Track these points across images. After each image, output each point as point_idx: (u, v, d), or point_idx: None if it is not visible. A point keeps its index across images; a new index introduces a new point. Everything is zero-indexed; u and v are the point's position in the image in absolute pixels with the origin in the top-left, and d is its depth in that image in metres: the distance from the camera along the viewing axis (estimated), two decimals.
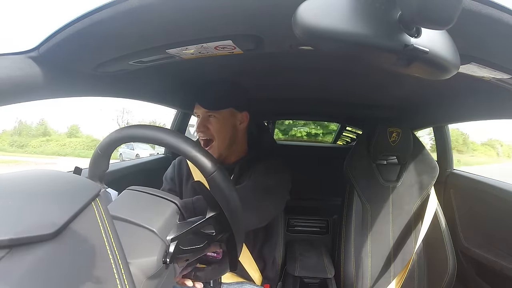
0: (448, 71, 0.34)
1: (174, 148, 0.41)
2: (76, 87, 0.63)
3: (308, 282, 1.09)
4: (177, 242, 0.38)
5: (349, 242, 1.03)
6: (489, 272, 0.96)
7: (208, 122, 0.77)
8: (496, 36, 0.39)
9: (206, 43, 0.46)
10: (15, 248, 0.23)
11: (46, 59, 0.50)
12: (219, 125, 0.77)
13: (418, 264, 1.02)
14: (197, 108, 0.78)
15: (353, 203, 1.08)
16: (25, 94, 0.52)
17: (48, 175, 0.32)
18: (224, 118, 0.78)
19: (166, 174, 0.89)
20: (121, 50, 0.50)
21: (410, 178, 1.10)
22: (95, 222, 0.30)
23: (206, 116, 0.77)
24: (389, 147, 1.07)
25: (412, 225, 1.06)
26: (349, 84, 0.90)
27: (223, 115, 0.78)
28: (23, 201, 0.26)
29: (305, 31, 0.27)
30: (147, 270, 0.35)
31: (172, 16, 0.39)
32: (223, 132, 0.78)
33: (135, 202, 0.46)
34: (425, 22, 0.27)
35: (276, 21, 0.39)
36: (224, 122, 0.78)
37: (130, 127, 0.45)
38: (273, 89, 1.05)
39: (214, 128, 0.77)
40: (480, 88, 0.68)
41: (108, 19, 0.40)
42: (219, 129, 0.77)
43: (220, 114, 0.77)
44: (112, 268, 0.29)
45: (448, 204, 1.20)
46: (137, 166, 1.21)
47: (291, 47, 0.49)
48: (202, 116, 0.78)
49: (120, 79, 0.69)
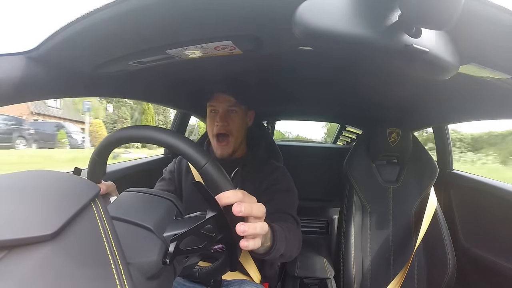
0: (448, 71, 0.34)
1: (164, 144, 0.41)
2: (76, 87, 0.63)
3: (308, 282, 1.09)
4: (177, 243, 0.38)
5: (349, 242, 1.03)
6: (489, 272, 0.96)
7: (228, 117, 0.77)
8: (496, 36, 0.39)
9: (205, 44, 0.46)
10: (13, 249, 0.23)
11: (46, 60, 0.50)
12: (239, 120, 0.78)
13: (418, 264, 1.02)
14: (218, 102, 0.77)
15: (353, 203, 1.08)
16: (25, 94, 0.52)
17: (47, 176, 0.32)
18: (243, 114, 0.79)
19: (167, 167, 0.90)
20: (120, 50, 0.50)
21: (410, 178, 1.10)
22: (95, 223, 0.30)
23: (226, 111, 0.77)
24: (388, 147, 1.07)
25: (412, 225, 1.06)
26: (349, 84, 0.90)
27: (243, 110, 0.79)
28: (22, 201, 0.26)
29: (305, 31, 0.27)
30: (146, 270, 0.35)
31: (171, 16, 0.39)
32: (241, 128, 0.79)
33: (131, 202, 0.46)
34: (425, 22, 0.27)
35: (275, 21, 0.39)
36: (242, 117, 0.79)
37: (122, 129, 0.45)
38: (273, 89, 1.05)
39: (235, 123, 0.77)
40: (480, 88, 0.68)
41: (108, 20, 0.39)
42: (239, 124, 0.78)
43: (241, 109, 0.78)
44: (112, 268, 0.29)
45: (448, 204, 1.20)
46: (137, 166, 1.21)
47: (291, 47, 0.49)
48: (222, 110, 0.77)
49: (120, 80, 0.69)
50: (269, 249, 0.53)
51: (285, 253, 0.58)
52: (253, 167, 0.81)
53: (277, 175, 0.80)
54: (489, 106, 0.83)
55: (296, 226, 0.70)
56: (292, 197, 0.77)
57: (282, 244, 0.56)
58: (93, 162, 0.48)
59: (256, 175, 0.80)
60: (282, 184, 0.78)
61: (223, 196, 0.38)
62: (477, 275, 1.03)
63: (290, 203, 0.75)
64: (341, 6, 0.27)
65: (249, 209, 0.38)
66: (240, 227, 0.36)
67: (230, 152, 0.79)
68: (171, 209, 0.46)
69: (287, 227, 0.63)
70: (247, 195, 0.40)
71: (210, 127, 0.79)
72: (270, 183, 0.78)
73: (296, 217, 0.73)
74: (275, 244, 0.53)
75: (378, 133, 1.07)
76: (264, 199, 0.73)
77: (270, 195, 0.75)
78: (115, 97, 0.80)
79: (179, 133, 0.42)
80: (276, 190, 0.76)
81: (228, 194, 0.38)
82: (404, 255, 1.03)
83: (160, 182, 0.87)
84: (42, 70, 0.51)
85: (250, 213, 0.38)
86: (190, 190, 0.82)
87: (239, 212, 0.36)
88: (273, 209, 0.70)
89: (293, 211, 0.74)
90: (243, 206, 0.37)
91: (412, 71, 0.34)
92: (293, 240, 0.63)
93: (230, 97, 0.76)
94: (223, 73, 0.81)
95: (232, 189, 0.40)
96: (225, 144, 0.77)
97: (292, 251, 0.63)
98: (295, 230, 0.67)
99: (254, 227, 0.37)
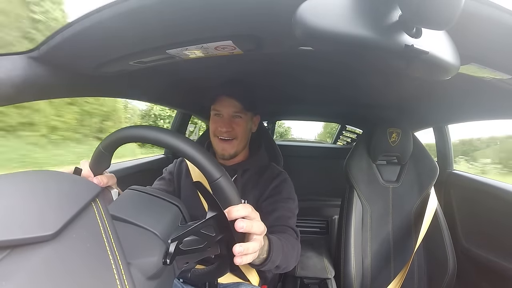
0: (448, 72, 0.34)
1: (179, 151, 0.41)
2: (76, 87, 0.63)
3: (308, 283, 1.09)
4: (177, 243, 0.38)
5: (349, 242, 1.03)
6: (489, 272, 0.96)
7: (233, 122, 0.75)
8: (496, 36, 0.39)
9: (206, 44, 0.46)
10: (15, 249, 0.23)
11: (46, 59, 0.50)
12: (244, 125, 0.76)
13: (418, 264, 1.02)
14: (223, 106, 0.75)
15: (353, 203, 1.08)
16: (25, 94, 0.52)
17: (48, 176, 0.32)
18: (248, 119, 0.77)
19: (167, 167, 0.89)
20: (121, 50, 0.50)
21: (410, 178, 1.10)
22: (95, 223, 0.30)
23: (230, 116, 0.75)
24: (389, 147, 1.07)
25: (412, 225, 1.06)
26: (349, 84, 0.90)
27: (248, 116, 0.77)
28: (23, 201, 0.26)
29: (305, 31, 0.27)
30: (147, 270, 0.35)
31: (172, 16, 0.39)
32: (245, 133, 0.78)
33: (137, 203, 0.46)
34: (425, 22, 0.27)
35: (276, 22, 0.39)
36: (247, 123, 0.78)
37: (136, 127, 0.44)
38: (273, 89, 1.05)
39: (240, 126, 0.75)
40: (480, 88, 0.68)
41: (108, 20, 0.40)
42: (244, 129, 0.77)
43: (246, 115, 0.77)
44: (112, 268, 0.29)
45: (448, 204, 1.20)
46: (137, 166, 1.21)
47: (291, 47, 0.49)
48: (226, 115, 0.75)
49: (120, 79, 0.69)
50: (264, 261, 0.54)
51: (280, 264, 0.59)
52: (253, 173, 0.80)
53: (278, 183, 0.79)
54: (489, 106, 0.83)
55: (294, 238, 0.70)
56: (293, 206, 0.76)
57: (278, 256, 0.56)
58: (99, 154, 0.47)
59: (256, 182, 0.79)
60: (284, 192, 0.77)
61: (233, 210, 0.40)
62: (477, 275, 1.03)
63: (291, 214, 0.74)
64: (342, 6, 0.27)
65: (250, 226, 0.40)
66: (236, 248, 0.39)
67: (232, 153, 0.77)
68: (177, 216, 0.46)
69: (285, 239, 0.63)
70: (254, 211, 0.43)
71: (213, 130, 0.77)
72: (271, 192, 0.77)
73: (296, 229, 0.72)
74: (270, 256, 0.54)
75: (379, 133, 1.07)
76: (265, 210, 0.73)
77: (271, 206, 0.74)
78: (116, 97, 0.80)
79: (194, 142, 0.42)
80: (277, 200, 0.75)
81: (238, 208, 0.41)
82: (404, 255, 1.03)
83: (159, 181, 0.86)
84: (43, 70, 0.51)
85: (250, 230, 0.41)
86: (189, 192, 0.81)
87: (241, 228, 0.39)
88: (273, 221, 0.70)
89: (293, 223, 0.73)
90: (245, 223, 0.40)
91: (412, 72, 0.33)
92: (290, 252, 0.63)
93: (236, 102, 0.74)
94: (224, 73, 0.81)
95: (240, 203, 0.42)
96: (228, 144, 0.76)
97: (288, 263, 0.63)
98: (293, 242, 0.67)
99: (247, 248, 0.40)
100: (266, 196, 0.77)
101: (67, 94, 0.64)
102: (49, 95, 0.59)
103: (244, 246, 0.39)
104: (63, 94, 0.63)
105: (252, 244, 0.41)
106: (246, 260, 0.40)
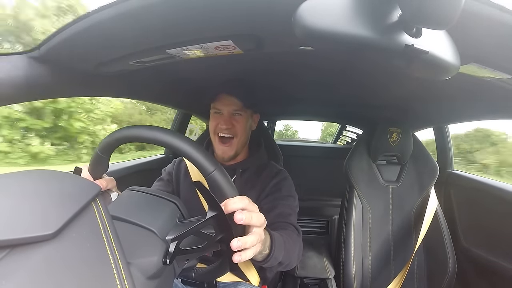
0: (448, 71, 0.34)
1: (173, 147, 0.41)
2: (76, 87, 0.63)
3: (308, 283, 1.09)
4: (177, 242, 0.38)
5: (349, 242, 1.03)
6: (489, 272, 0.96)
7: (233, 120, 0.75)
8: (496, 36, 0.39)
9: (206, 43, 0.46)
10: (15, 248, 0.23)
11: (47, 59, 0.50)
12: (244, 122, 0.77)
13: (418, 264, 1.02)
14: (223, 104, 0.75)
15: (353, 203, 1.08)
16: (25, 94, 0.52)
17: (48, 175, 0.32)
18: (247, 117, 0.78)
19: (166, 168, 0.89)
20: (121, 50, 0.50)
21: (410, 178, 1.10)
22: (95, 222, 0.30)
23: (230, 114, 0.75)
24: (389, 147, 1.07)
25: (412, 225, 1.06)
26: (349, 84, 0.90)
27: (248, 113, 0.77)
28: (23, 201, 0.26)
29: (305, 31, 0.27)
30: (147, 270, 0.35)
31: (172, 16, 0.39)
32: (245, 131, 0.78)
33: (135, 202, 0.46)
34: (425, 22, 0.27)
35: (276, 21, 0.39)
36: (247, 120, 0.78)
37: (130, 127, 0.44)
38: (273, 89, 1.05)
39: (240, 124, 0.75)
40: (480, 88, 0.68)
41: (108, 20, 0.40)
42: (244, 127, 0.77)
43: (246, 113, 0.77)
44: (112, 268, 0.29)
45: (448, 204, 1.20)
46: (137, 166, 1.21)
47: (291, 47, 0.49)
48: (226, 113, 0.75)
49: (120, 79, 0.69)
50: (267, 257, 0.54)
51: (283, 261, 0.59)
52: (252, 172, 0.80)
53: (278, 180, 0.79)
54: (489, 106, 0.83)
55: (296, 235, 0.69)
56: (293, 203, 0.76)
57: (280, 252, 0.56)
58: (96, 158, 0.47)
59: (256, 181, 0.79)
60: (283, 190, 0.77)
61: (229, 202, 0.39)
62: (477, 275, 1.03)
63: (291, 211, 0.74)
64: (342, 6, 0.27)
65: (249, 217, 0.39)
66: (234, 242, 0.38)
67: (231, 155, 0.77)
68: (175, 212, 0.46)
69: (287, 236, 0.63)
70: (251, 203, 0.42)
71: (213, 127, 0.77)
72: (271, 189, 0.77)
73: (297, 226, 0.72)
74: (272, 252, 0.54)
75: (379, 133, 1.07)
76: (265, 207, 0.73)
77: (272, 203, 0.74)
78: (116, 97, 0.80)
79: (188, 137, 0.42)
80: (277, 197, 0.75)
81: (234, 200, 0.40)
82: (404, 255, 1.03)
83: (158, 182, 0.86)
84: (43, 70, 0.51)
85: (249, 222, 0.40)
86: (188, 192, 0.81)
87: (240, 220, 0.38)
88: (274, 218, 0.70)
89: (294, 220, 0.73)
90: (244, 215, 0.38)
91: (412, 71, 0.33)
92: (292, 248, 0.63)
93: (236, 100, 0.74)
94: (224, 73, 0.81)
95: (237, 195, 0.41)
96: (228, 146, 0.76)
97: (291, 259, 0.63)
98: (295, 239, 0.67)
99: (245, 242, 0.39)
100: (266, 193, 0.77)
101: (67, 94, 0.64)
102: (49, 95, 0.59)
103: (242, 240, 0.38)
104: (63, 94, 0.63)
105: (250, 238, 0.40)
106: (245, 257, 0.40)
